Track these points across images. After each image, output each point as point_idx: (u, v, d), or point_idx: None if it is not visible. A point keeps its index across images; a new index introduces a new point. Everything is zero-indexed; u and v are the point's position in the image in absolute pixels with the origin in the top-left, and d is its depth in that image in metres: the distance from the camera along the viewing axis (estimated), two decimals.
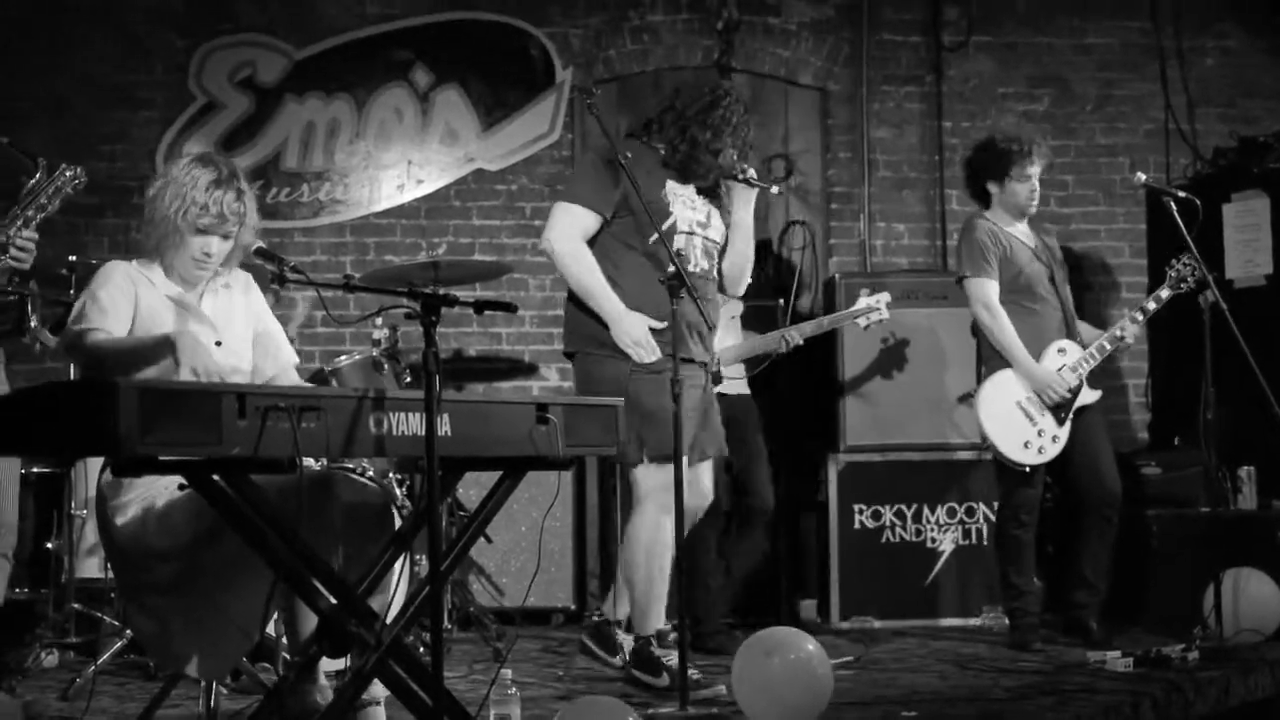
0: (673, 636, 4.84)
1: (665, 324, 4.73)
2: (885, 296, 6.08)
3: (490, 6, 7.44)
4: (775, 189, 5.14)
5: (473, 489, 5.92)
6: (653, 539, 4.83)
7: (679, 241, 4.91)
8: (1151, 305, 5.72)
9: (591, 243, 4.93)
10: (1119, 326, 5.73)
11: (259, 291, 4.08)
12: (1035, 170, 5.78)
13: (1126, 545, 5.99)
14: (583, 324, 4.93)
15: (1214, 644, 5.18)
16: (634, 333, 4.81)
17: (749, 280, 5.28)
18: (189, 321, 3.81)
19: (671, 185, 4.98)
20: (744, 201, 5.07)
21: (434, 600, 3.19)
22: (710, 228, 5.05)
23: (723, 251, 5.14)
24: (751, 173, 5.00)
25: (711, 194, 5.10)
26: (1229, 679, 4.78)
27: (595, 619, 5.23)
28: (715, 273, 5.10)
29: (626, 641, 5.08)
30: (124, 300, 3.75)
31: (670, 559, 4.80)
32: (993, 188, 5.83)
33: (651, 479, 4.82)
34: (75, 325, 3.72)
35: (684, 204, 4.97)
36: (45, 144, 4.43)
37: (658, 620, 4.90)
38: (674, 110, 5.04)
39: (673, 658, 4.62)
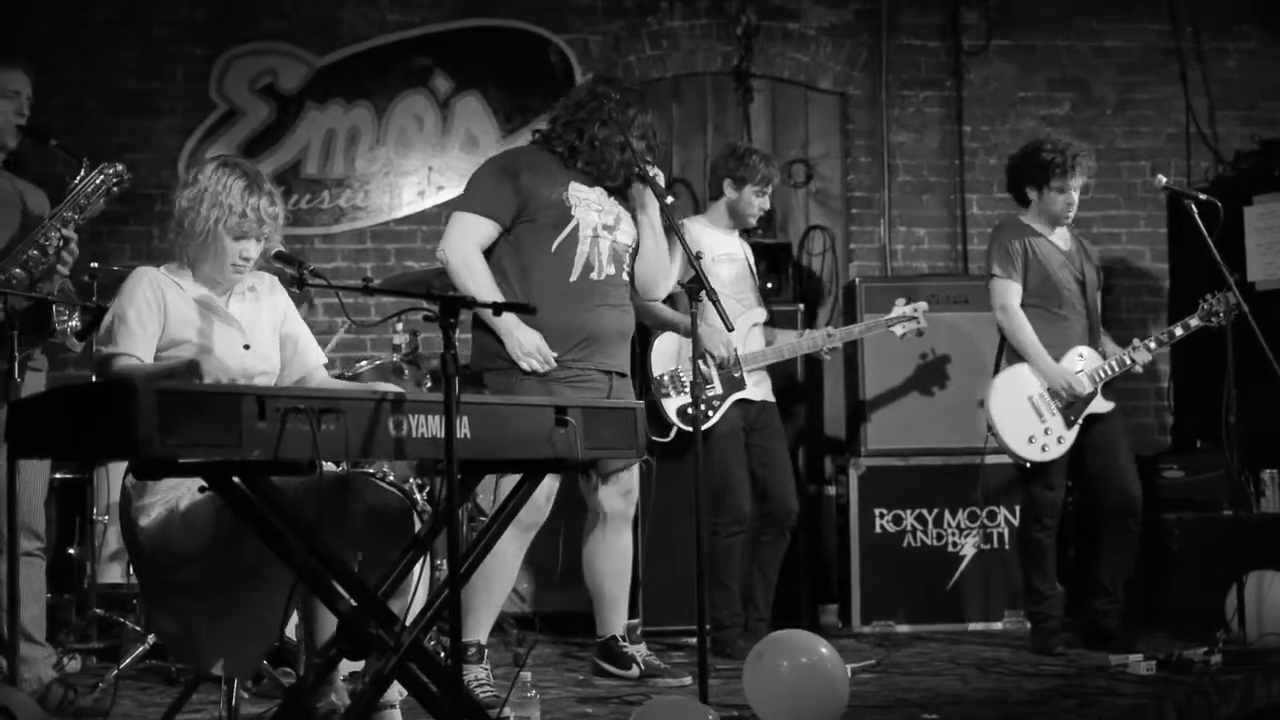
0: (639, 631, 5.59)
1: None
2: (923, 305, 5.95)
3: (510, 13, 7.46)
4: (669, 198, 4.92)
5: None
6: (592, 551, 5.17)
7: (583, 246, 4.80)
8: (1179, 331, 5.66)
9: (491, 251, 4.81)
10: (1136, 348, 5.64)
11: (284, 293, 4.10)
12: (1075, 184, 5.68)
13: (1148, 549, 5.95)
14: (483, 339, 4.82)
15: (1237, 647, 5.15)
16: (526, 344, 4.69)
17: (670, 284, 5.09)
18: (216, 323, 3.84)
19: (576, 188, 4.84)
20: (651, 200, 4.89)
21: (453, 603, 3.19)
22: (619, 230, 4.92)
23: (635, 255, 5.01)
24: (658, 175, 4.85)
25: (621, 196, 4.97)
26: (1252, 682, 4.76)
27: (599, 639, 5.21)
28: (626, 277, 4.97)
29: (636, 651, 5.10)
30: (151, 317, 3.77)
31: (625, 565, 5.19)
32: (1031, 194, 5.73)
33: (592, 495, 5.13)
34: (104, 347, 3.75)
35: (587, 207, 4.84)
36: None
37: (622, 619, 5.22)
38: (567, 110, 4.92)
39: (640, 651, 5.17)
